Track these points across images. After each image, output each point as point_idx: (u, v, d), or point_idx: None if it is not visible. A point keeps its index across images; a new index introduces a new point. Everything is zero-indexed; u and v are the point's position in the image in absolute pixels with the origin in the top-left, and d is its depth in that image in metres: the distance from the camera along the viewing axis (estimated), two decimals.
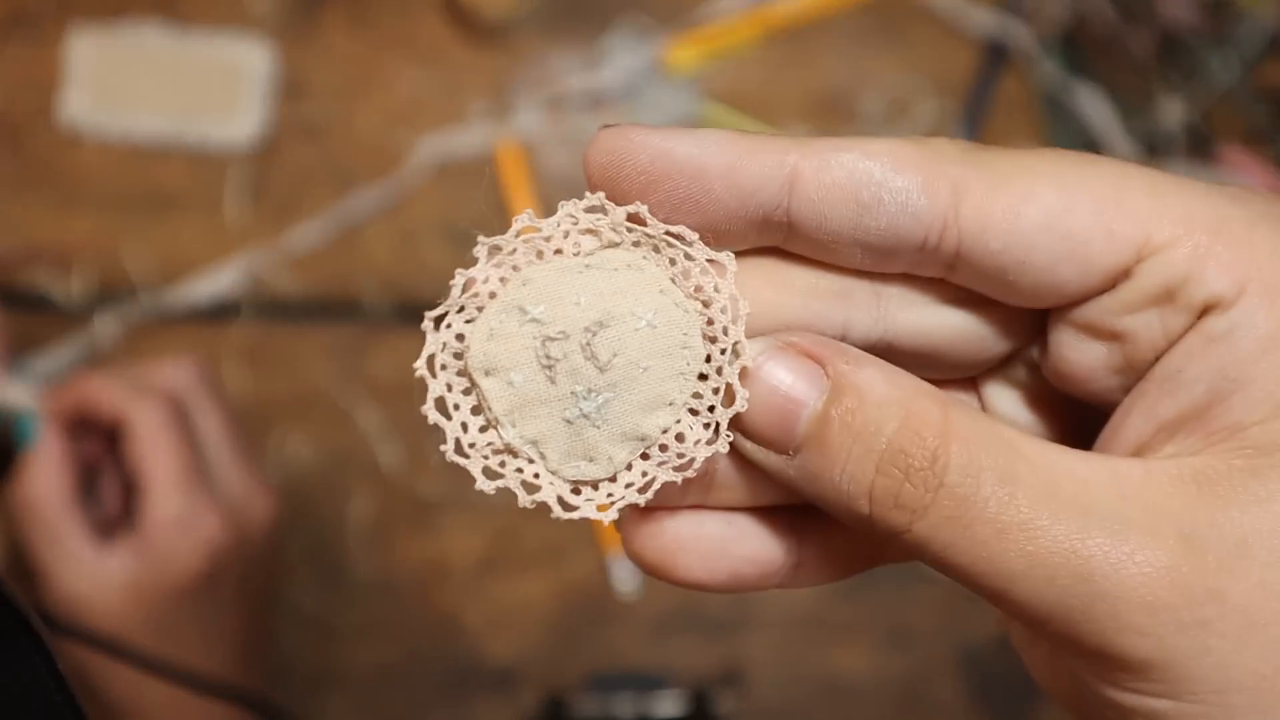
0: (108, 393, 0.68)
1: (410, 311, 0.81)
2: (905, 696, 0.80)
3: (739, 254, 0.29)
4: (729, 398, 0.28)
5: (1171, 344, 0.28)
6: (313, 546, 0.79)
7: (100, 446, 0.70)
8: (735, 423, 0.28)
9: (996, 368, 0.32)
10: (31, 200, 0.82)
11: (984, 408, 0.32)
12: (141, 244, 0.82)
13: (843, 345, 0.28)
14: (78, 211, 0.82)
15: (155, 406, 0.68)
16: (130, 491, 0.70)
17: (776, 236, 0.29)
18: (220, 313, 0.81)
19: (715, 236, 0.28)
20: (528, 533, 0.80)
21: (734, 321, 0.28)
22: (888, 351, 0.30)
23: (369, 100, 0.84)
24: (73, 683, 0.35)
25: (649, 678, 0.75)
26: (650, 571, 0.30)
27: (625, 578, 0.80)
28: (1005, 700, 0.79)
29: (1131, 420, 0.28)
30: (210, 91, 0.83)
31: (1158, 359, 0.28)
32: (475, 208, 0.82)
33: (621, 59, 0.83)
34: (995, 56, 0.84)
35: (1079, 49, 0.84)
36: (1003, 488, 0.26)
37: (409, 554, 0.80)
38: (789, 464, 0.28)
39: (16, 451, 0.69)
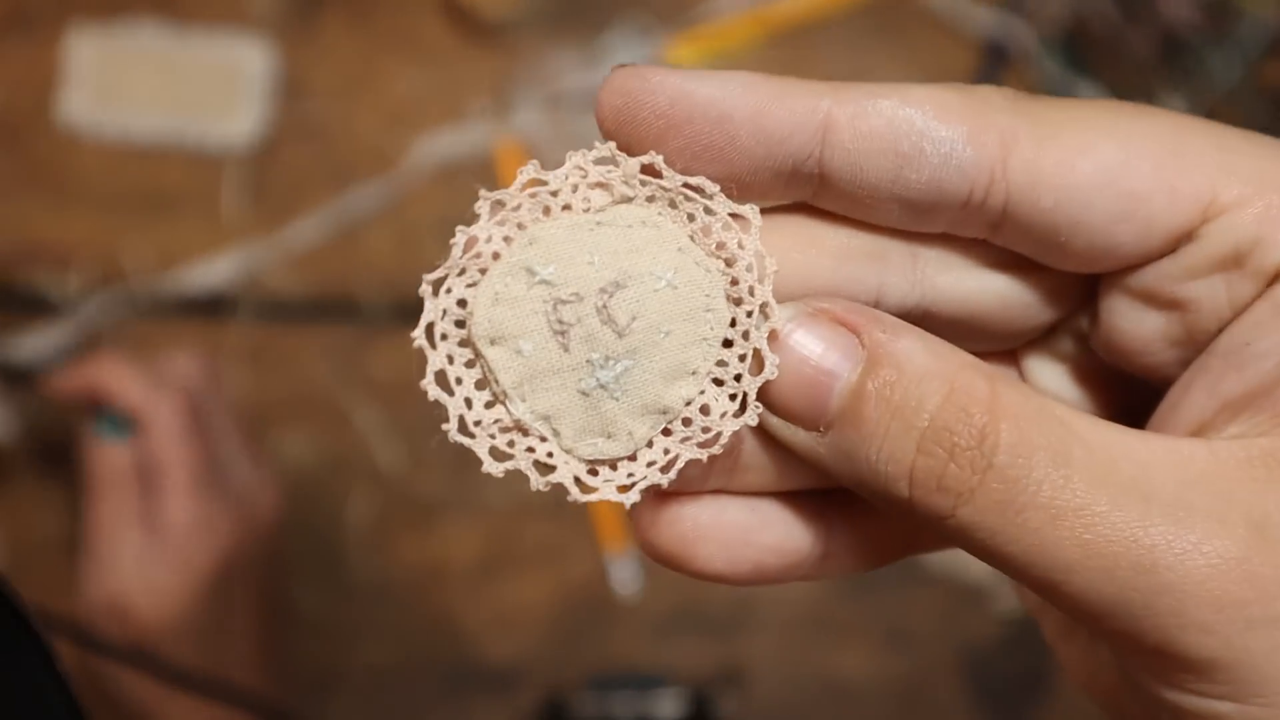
0: (126, 384, 0.68)
1: (409, 311, 0.80)
2: (906, 698, 0.80)
3: (764, 211, 0.27)
4: (757, 365, 0.26)
5: (1238, 314, 0.25)
6: (312, 547, 0.79)
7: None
8: (762, 395, 0.26)
9: (1039, 339, 0.30)
10: (29, 199, 0.82)
11: (1024, 382, 0.30)
12: (139, 243, 0.81)
13: (878, 312, 0.26)
14: (76, 211, 0.82)
15: (174, 404, 0.68)
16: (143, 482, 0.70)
17: (805, 190, 0.26)
18: (218, 312, 0.81)
19: (739, 189, 0.26)
20: (527, 533, 0.80)
21: (760, 281, 0.26)
22: (924, 319, 0.27)
23: (368, 99, 0.84)
24: (72, 683, 0.35)
25: (649, 678, 0.75)
26: (665, 562, 0.28)
27: (625, 579, 0.79)
28: (1006, 701, 0.79)
29: (1192, 397, 0.26)
30: (209, 90, 0.83)
31: (1221, 330, 0.26)
32: (472, 208, 0.81)
33: (621, 58, 0.83)
34: (996, 56, 0.84)
35: (1080, 48, 0.84)
36: (1057, 469, 0.24)
37: (408, 554, 0.80)
38: (819, 442, 0.26)
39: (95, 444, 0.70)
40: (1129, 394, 0.29)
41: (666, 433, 0.26)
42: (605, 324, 0.25)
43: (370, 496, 0.80)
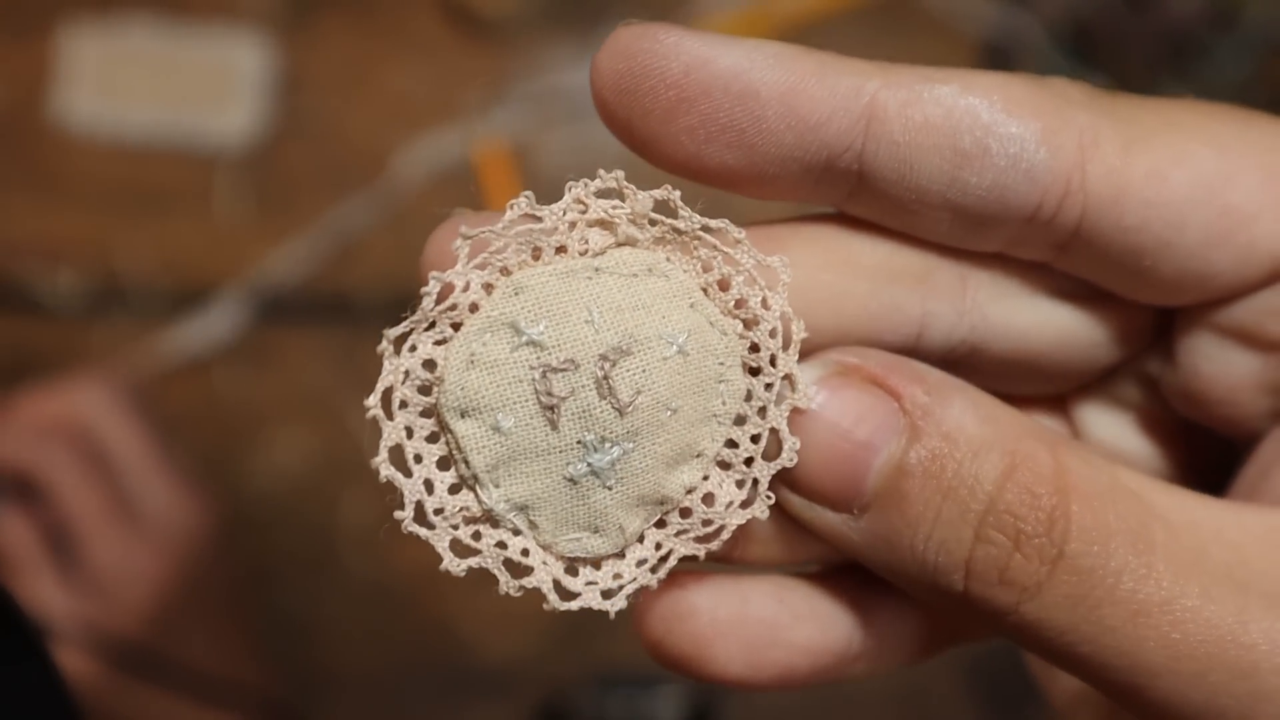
0: (8, 447, 0.63)
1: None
2: (906, 699, 0.79)
3: (789, 220, 0.23)
4: (773, 447, 0.22)
5: None
6: (310, 548, 0.79)
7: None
8: (782, 471, 0.22)
9: (1097, 382, 0.25)
10: (20, 196, 0.81)
11: (1075, 435, 0.25)
12: (133, 240, 0.81)
13: (919, 366, 0.22)
14: (68, 207, 0.81)
15: (61, 451, 0.63)
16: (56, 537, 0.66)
17: (839, 191, 0.22)
18: (213, 312, 0.80)
19: (758, 186, 0.22)
20: None
21: (785, 348, 0.22)
22: (971, 356, 0.23)
23: (365, 97, 0.83)
24: (72, 688, 0.35)
25: (648, 680, 0.74)
26: (674, 666, 0.24)
27: None
28: (1007, 703, 0.79)
29: None
30: (203, 87, 0.82)
31: None
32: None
33: None
34: (999, 55, 0.83)
35: (1086, 43, 0.83)
36: (1138, 557, 0.20)
37: (406, 556, 0.79)
38: (852, 526, 0.21)
39: None
40: (1201, 452, 0.25)
41: (660, 524, 0.22)
42: (604, 399, 0.21)
43: (367, 497, 0.79)
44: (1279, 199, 0.21)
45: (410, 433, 0.22)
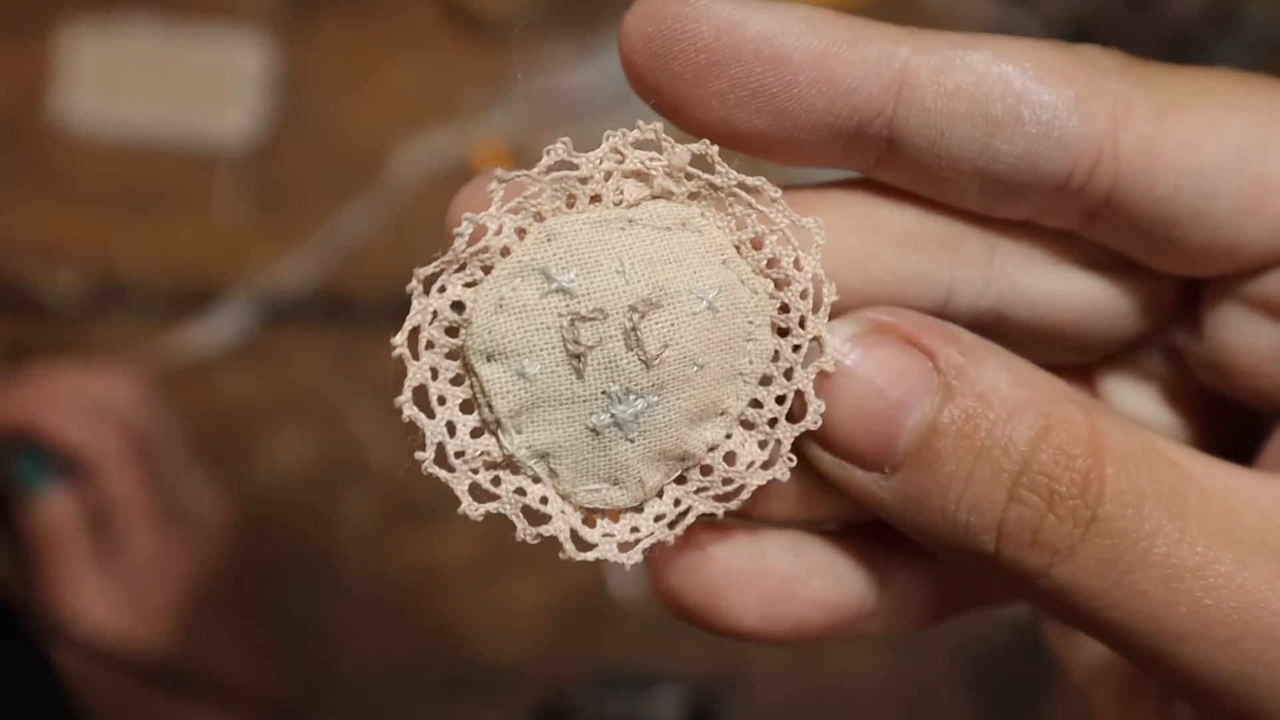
0: (61, 421, 0.63)
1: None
2: (907, 700, 0.79)
3: (817, 186, 0.22)
4: (798, 410, 0.22)
5: None
6: (310, 548, 0.79)
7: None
8: (818, 438, 0.22)
9: (1122, 354, 0.25)
10: (20, 196, 0.81)
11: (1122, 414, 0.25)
12: (133, 240, 0.81)
13: (953, 328, 0.22)
14: (68, 207, 0.81)
15: (116, 439, 0.64)
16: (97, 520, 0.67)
17: (868, 157, 0.22)
18: (214, 312, 0.80)
19: (788, 151, 0.22)
20: None
21: (815, 310, 0.21)
22: (997, 324, 0.23)
23: (365, 96, 0.83)
24: (73, 692, 0.35)
25: (648, 680, 0.74)
26: (688, 615, 0.24)
27: (621, 583, 0.79)
28: (1008, 705, 0.79)
29: None
30: (204, 87, 0.82)
31: None
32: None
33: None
34: None
35: (1087, 42, 0.83)
36: (1172, 521, 0.20)
37: (406, 556, 0.79)
38: (882, 485, 0.21)
39: (21, 488, 0.66)
40: (1226, 424, 0.25)
41: (680, 479, 0.22)
42: (631, 350, 0.21)
43: (368, 498, 0.79)
44: None
45: (435, 374, 0.22)
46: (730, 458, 0.22)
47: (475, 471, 0.22)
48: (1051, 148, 0.21)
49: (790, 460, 0.22)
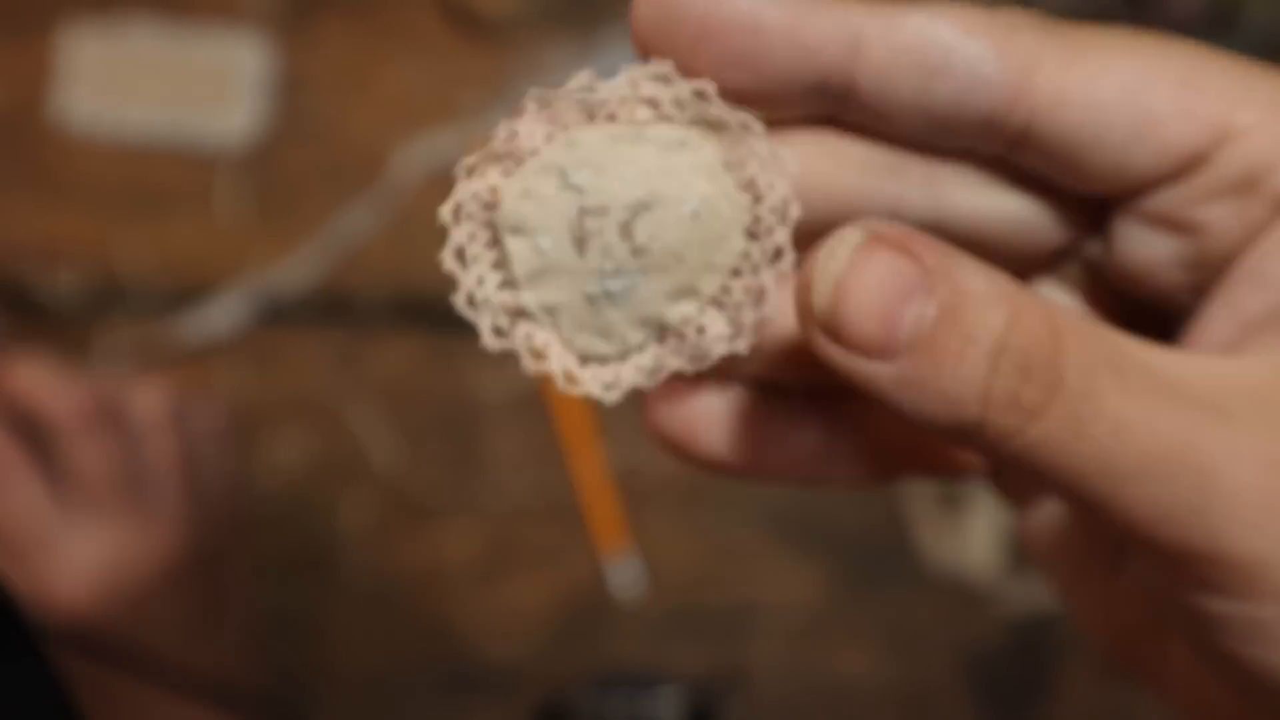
0: (28, 383, 0.67)
1: (408, 313, 0.80)
2: (907, 701, 0.79)
3: (791, 122, 0.28)
4: (758, 299, 0.27)
5: (1250, 238, 0.26)
6: (309, 548, 0.79)
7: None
8: (830, 333, 0.26)
9: (1049, 264, 0.31)
10: (20, 196, 0.81)
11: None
12: (133, 240, 0.81)
13: (930, 237, 0.26)
14: (67, 207, 0.81)
15: (82, 403, 0.67)
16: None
17: (831, 104, 0.28)
18: (215, 311, 0.80)
19: (767, 100, 0.27)
20: (525, 536, 0.79)
21: (782, 222, 0.27)
22: (939, 236, 0.28)
23: (366, 97, 0.83)
24: (67, 685, 0.35)
25: (648, 680, 0.74)
26: (671, 448, 0.30)
27: (621, 583, 0.79)
28: (1008, 705, 0.79)
29: (1214, 320, 0.27)
30: (203, 87, 0.82)
31: (1235, 254, 0.27)
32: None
33: (621, 55, 0.82)
34: None
35: None
36: (1122, 384, 0.24)
37: (406, 557, 0.79)
38: (884, 372, 0.25)
39: None
40: (1138, 321, 0.30)
41: (660, 341, 0.28)
42: (623, 239, 0.26)
43: (367, 498, 0.79)
44: (1185, 105, 0.25)
45: (471, 238, 0.27)
46: (701, 330, 0.27)
47: (496, 315, 0.27)
48: (977, 90, 0.26)
49: (749, 337, 0.27)
